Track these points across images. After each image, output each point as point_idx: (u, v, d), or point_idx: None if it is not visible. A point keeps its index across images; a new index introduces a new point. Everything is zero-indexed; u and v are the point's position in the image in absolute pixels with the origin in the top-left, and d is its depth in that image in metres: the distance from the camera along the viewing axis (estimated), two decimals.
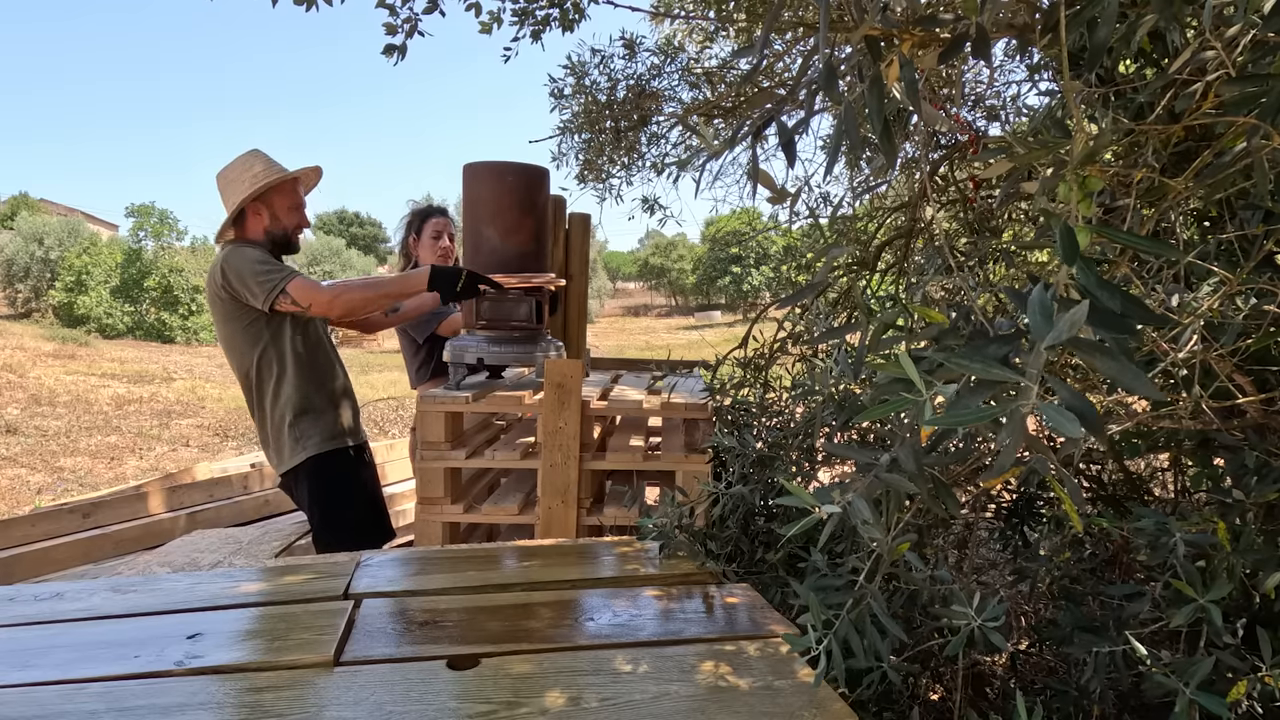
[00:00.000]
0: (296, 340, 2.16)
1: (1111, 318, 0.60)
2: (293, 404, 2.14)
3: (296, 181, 2.26)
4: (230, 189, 2.17)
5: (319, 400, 2.19)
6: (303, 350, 2.18)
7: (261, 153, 2.24)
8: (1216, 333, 1.02)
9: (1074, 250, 0.63)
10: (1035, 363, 0.59)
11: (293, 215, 2.23)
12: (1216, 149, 0.92)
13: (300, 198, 2.28)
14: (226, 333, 2.14)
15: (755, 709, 0.88)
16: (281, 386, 2.14)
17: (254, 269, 2.05)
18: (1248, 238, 1.04)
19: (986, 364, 0.61)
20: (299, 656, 1.01)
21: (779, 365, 2.16)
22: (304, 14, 2.53)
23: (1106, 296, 0.61)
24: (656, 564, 1.36)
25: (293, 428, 2.14)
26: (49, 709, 0.89)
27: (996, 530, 1.58)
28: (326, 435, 2.18)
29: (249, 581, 1.31)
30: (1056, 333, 0.57)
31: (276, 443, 2.17)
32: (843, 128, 0.77)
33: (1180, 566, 0.98)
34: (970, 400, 0.63)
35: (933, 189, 1.92)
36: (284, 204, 2.21)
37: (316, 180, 2.41)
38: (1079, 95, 0.84)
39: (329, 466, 2.18)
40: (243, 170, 2.17)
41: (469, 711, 0.88)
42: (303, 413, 2.15)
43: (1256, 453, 1.10)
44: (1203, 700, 0.87)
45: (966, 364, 0.62)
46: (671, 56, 3.30)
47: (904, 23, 0.84)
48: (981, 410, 0.62)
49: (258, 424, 2.20)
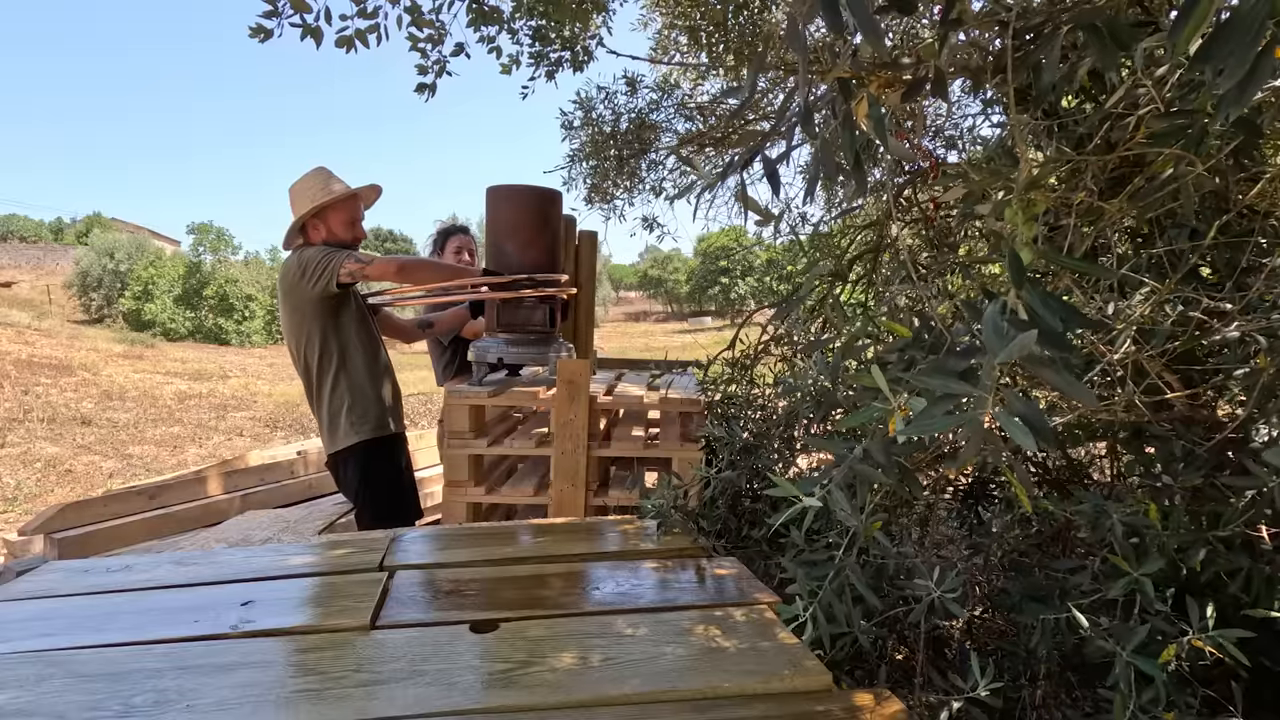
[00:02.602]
0: (359, 337, 2.17)
1: (1055, 336, 0.61)
2: (350, 393, 2.14)
3: (356, 199, 2.24)
4: (296, 202, 2.17)
5: (372, 391, 2.19)
6: (361, 346, 2.17)
7: (325, 170, 2.22)
8: (1148, 336, 1.02)
9: (1021, 275, 0.64)
10: (989, 376, 0.59)
11: (349, 230, 2.21)
12: (1148, 174, 0.92)
13: (358, 213, 2.26)
14: (294, 322, 2.13)
15: (742, 667, 0.88)
16: (340, 377, 2.14)
17: (320, 253, 2.06)
18: (1175, 252, 1.04)
19: (946, 380, 0.62)
20: (339, 621, 1.01)
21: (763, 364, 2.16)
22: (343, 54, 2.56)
23: (1050, 316, 0.61)
24: (655, 540, 1.36)
25: (349, 413, 2.13)
26: (120, 666, 0.89)
27: (954, 510, 1.58)
28: (377, 424, 2.18)
29: (295, 555, 1.31)
30: (1008, 352, 0.58)
31: (332, 426, 2.15)
32: (819, 159, 0.77)
33: (1117, 543, 0.99)
34: (934, 410, 0.64)
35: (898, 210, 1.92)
36: (340, 219, 2.19)
37: (375, 198, 2.38)
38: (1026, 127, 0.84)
39: (377, 452, 2.17)
40: (307, 186, 2.17)
41: (489, 669, 0.88)
42: (358, 401, 2.15)
43: (1183, 442, 1.11)
44: (1138, 662, 0.87)
45: (928, 381, 0.63)
46: (668, 93, 3.31)
47: (871, 66, 0.84)
48: (944, 419, 0.62)
49: (315, 408, 2.19)
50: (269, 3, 1.95)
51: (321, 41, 2.03)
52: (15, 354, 10.87)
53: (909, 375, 0.67)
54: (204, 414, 8.37)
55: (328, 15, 2.01)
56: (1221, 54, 0.56)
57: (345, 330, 2.15)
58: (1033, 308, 0.63)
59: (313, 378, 2.15)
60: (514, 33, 2.82)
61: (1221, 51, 0.56)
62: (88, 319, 20.33)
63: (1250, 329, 0.97)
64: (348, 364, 2.15)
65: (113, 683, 0.85)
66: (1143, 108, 0.85)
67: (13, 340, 12.38)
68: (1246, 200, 0.98)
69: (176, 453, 6.52)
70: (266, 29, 1.99)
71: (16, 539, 2.73)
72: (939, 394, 0.63)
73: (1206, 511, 1.05)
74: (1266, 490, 0.94)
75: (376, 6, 2.13)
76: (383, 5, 2.15)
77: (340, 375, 2.14)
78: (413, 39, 2.39)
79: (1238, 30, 0.55)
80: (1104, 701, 0.93)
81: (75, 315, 20.50)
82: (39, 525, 2.60)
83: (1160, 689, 0.87)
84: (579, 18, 2.73)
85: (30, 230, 38.09)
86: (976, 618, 1.55)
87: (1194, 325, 1.02)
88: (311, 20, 1.99)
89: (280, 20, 1.98)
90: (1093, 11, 0.71)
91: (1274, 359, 0.94)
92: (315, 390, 2.17)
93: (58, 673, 0.88)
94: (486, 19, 2.53)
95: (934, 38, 0.84)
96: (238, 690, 0.84)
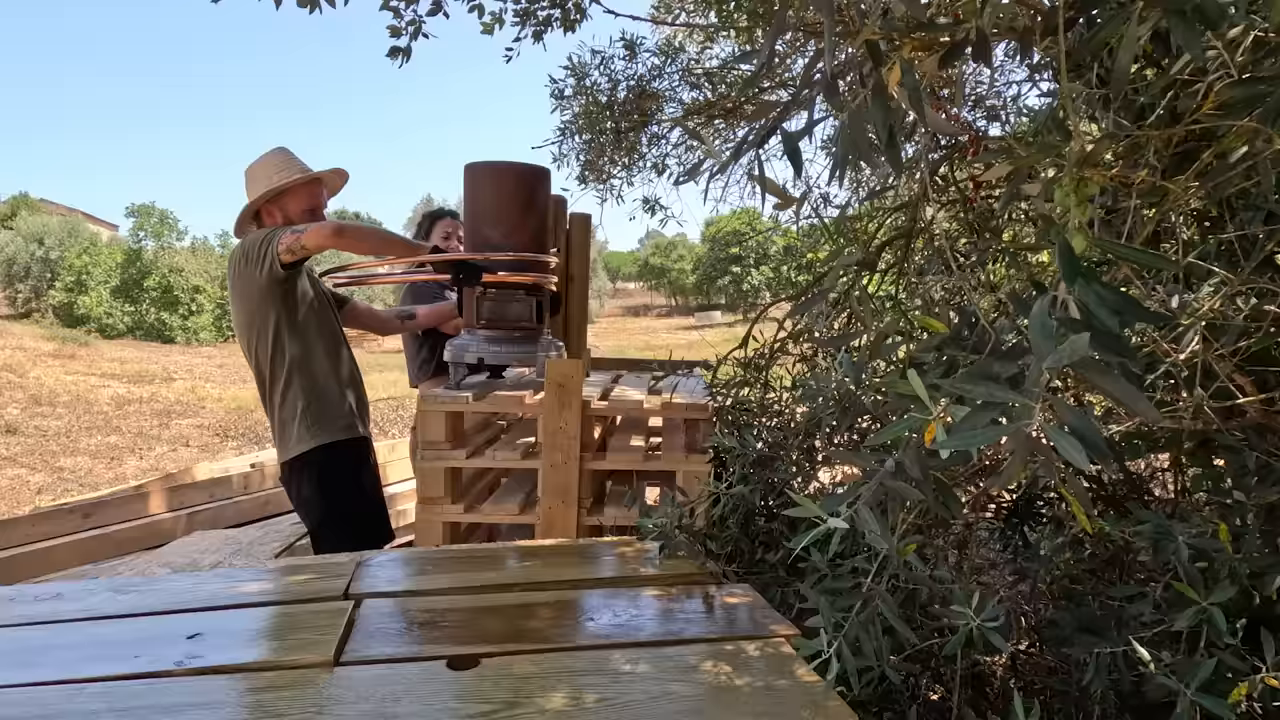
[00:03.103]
0: (318, 329, 2.15)
1: (1112, 338, 0.60)
2: (306, 393, 2.11)
3: (317, 183, 2.23)
4: (251, 185, 2.17)
5: (333, 391, 2.16)
6: (321, 339, 2.15)
7: (286, 151, 2.22)
8: (1217, 333, 1.02)
9: (1074, 268, 0.63)
10: (1035, 383, 0.59)
11: (306, 218, 2.19)
12: (1218, 150, 0.92)
13: (319, 199, 2.25)
14: (244, 314, 2.11)
15: (755, 709, 0.88)
16: (295, 374, 2.11)
17: (261, 233, 2.05)
18: (1248, 238, 1.04)
19: (988, 388, 0.62)
20: (300, 656, 1.01)
21: (779, 365, 2.16)
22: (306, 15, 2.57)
23: (1106, 314, 0.61)
24: (657, 564, 1.36)
25: (304, 415, 2.10)
26: (50, 709, 0.89)
27: (996, 530, 1.58)
28: (338, 426, 2.15)
29: (249, 582, 1.31)
30: (1056, 358, 0.57)
31: (284, 430, 2.12)
32: (849, 137, 0.77)
33: (1183, 568, 0.98)
34: (975, 420, 0.64)
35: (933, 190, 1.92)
36: (299, 205, 2.19)
37: (341, 185, 2.37)
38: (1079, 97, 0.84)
39: (337, 457, 2.14)
40: (264, 168, 2.16)
41: (469, 711, 0.88)
42: (315, 400, 2.12)
43: (1257, 454, 1.10)
44: (1204, 701, 0.87)
45: (970, 388, 0.63)
46: (672, 57, 3.30)
47: (904, 27, 0.84)
48: (988, 431, 0.62)
49: (268, 411, 2.17)
50: None
51: (281, 2, 2.03)
52: None
53: (948, 382, 0.67)
54: (145, 421, 8.37)
55: None
56: None
57: (301, 322, 2.13)
58: (1086, 303, 0.62)
59: (265, 376, 2.13)
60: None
61: None
62: (13, 313, 20.34)
63: None
64: (305, 359, 2.12)
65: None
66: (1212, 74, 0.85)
67: None
68: None
69: (114, 465, 6.52)
70: None
71: None
72: (981, 402, 0.63)
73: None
74: None
75: None
76: None
77: (295, 372, 2.11)
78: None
79: None
80: None
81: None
82: None
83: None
84: None
85: None
86: (1022, 652, 1.55)
87: (1270, 320, 1.02)
88: None
89: None
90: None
91: None
92: (268, 390, 2.14)
93: None
94: None
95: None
96: None
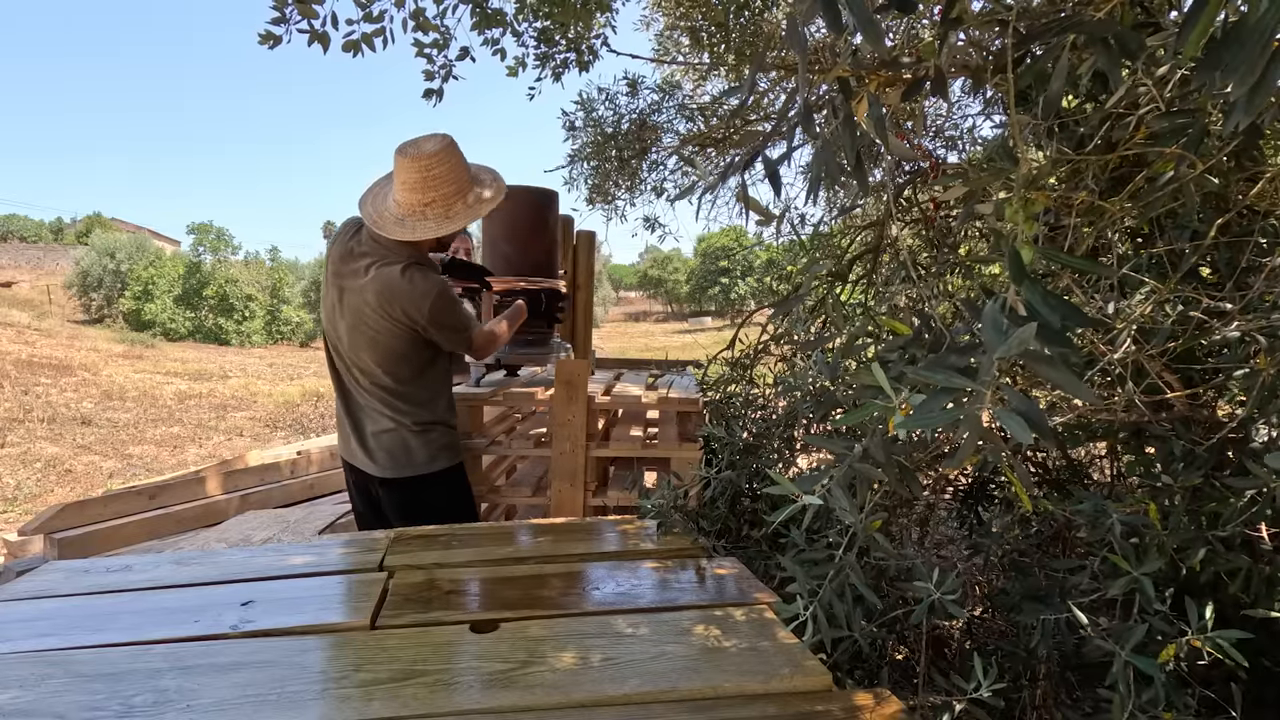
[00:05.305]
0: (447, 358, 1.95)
1: (1054, 333, 0.60)
2: (443, 415, 1.90)
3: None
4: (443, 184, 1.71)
5: (453, 416, 1.98)
6: (449, 368, 1.97)
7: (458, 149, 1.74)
8: (1148, 336, 1.02)
9: (1021, 272, 0.64)
10: (988, 371, 0.59)
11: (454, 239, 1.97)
12: (1148, 174, 0.92)
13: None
14: (398, 348, 1.79)
15: (741, 667, 0.88)
16: (438, 399, 1.90)
17: (456, 319, 1.79)
18: (1176, 252, 1.04)
19: (946, 374, 0.62)
20: (340, 620, 1.01)
21: (762, 364, 2.16)
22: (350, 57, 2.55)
23: (1049, 313, 0.61)
24: (654, 540, 1.36)
25: (444, 434, 1.89)
26: (119, 667, 0.89)
27: (954, 510, 1.58)
28: (460, 448, 1.97)
29: (296, 555, 1.31)
30: (1006, 347, 0.57)
31: (422, 447, 1.86)
32: (821, 161, 0.77)
33: (1116, 543, 0.98)
34: (933, 404, 0.64)
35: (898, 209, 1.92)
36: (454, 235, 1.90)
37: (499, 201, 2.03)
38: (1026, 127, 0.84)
39: (462, 476, 1.97)
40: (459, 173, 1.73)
41: (489, 669, 0.88)
42: (449, 424, 1.92)
43: (1183, 442, 1.11)
44: (1137, 662, 0.87)
45: (929, 375, 0.63)
46: (669, 93, 3.31)
47: (871, 65, 0.84)
48: (943, 413, 0.62)
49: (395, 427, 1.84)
50: (277, 9, 1.96)
51: (329, 46, 2.03)
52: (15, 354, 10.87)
53: (910, 369, 0.67)
54: (204, 414, 8.37)
55: (334, 20, 2.02)
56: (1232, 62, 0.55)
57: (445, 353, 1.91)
58: (1033, 305, 0.62)
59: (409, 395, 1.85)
60: (519, 35, 2.83)
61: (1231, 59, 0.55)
62: (88, 319, 20.33)
63: (1250, 329, 0.97)
64: (446, 384, 1.93)
65: (112, 683, 0.85)
66: (1143, 107, 0.85)
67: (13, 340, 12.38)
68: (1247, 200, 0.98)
69: (176, 453, 6.52)
70: (275, 35, 1.99)
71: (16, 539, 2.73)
72: (939, 387, 0.63)
73: (1206, 511, 1.05)
74: (1267, 490, 0.94)
75: (382, 10, 2.13)
76: (388, 9, 2.15)
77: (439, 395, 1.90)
78: (418, 45, 2.40)
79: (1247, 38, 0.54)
80: (1103, 702, 0.93)
81: (75, 315, 20.50)
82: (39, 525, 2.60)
83: (1159, 689, 0.87)
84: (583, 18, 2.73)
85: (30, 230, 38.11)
86: (976, 618, 1.55)
87: (1194, 325, 1.02)
88: (319, 26, 2.00)
89: (288, 26, 1.98)
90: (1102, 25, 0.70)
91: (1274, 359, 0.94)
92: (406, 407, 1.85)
93: (57, 673, 0.88)
94: (490, 22, 2.53)
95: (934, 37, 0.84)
96: (237, 690, 0.83)
